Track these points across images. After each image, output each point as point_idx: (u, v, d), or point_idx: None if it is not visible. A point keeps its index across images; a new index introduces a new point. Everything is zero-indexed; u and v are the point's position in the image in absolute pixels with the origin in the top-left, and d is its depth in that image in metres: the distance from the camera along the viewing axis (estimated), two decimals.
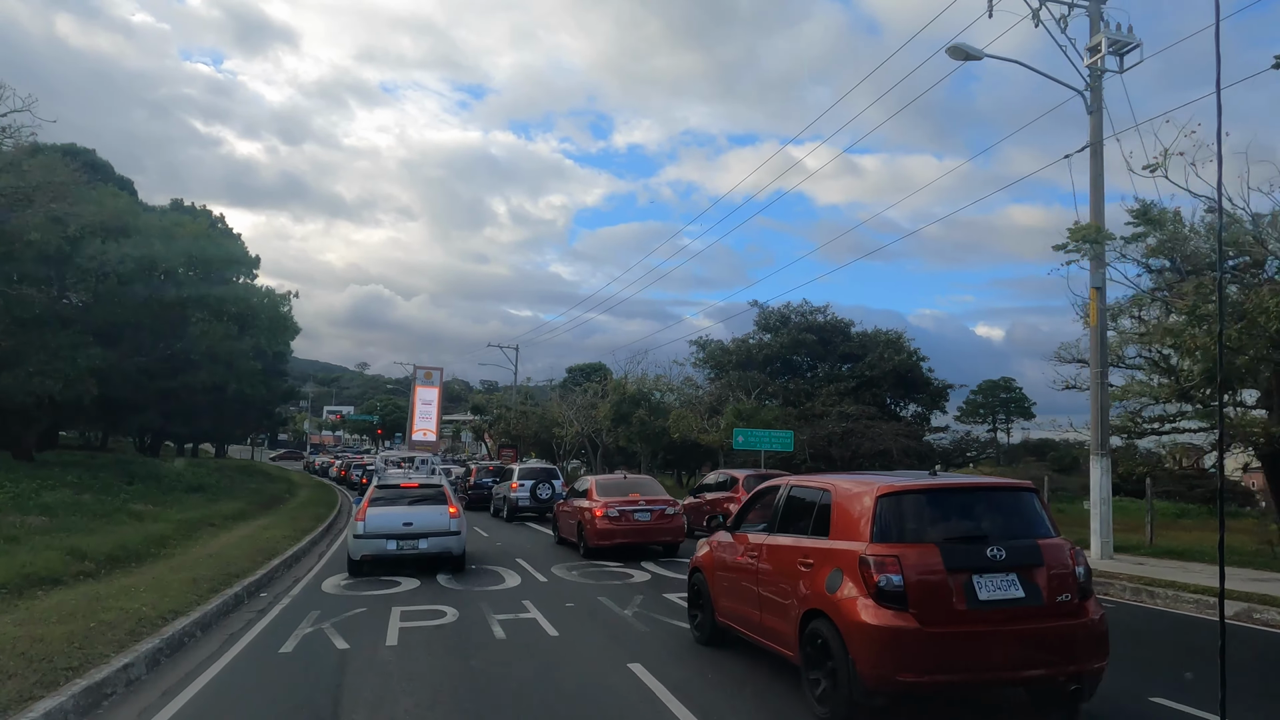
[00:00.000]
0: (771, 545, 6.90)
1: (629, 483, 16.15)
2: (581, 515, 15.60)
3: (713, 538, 8.49)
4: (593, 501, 15.42)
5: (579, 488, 16.91)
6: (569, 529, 16.78)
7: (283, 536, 17.12)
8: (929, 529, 5.77)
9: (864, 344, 45.74)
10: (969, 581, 5.45)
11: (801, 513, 6.74)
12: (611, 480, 16.41)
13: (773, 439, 25.52)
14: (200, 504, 23.15)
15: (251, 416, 52.99)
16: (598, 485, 15.94)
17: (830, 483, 6.55)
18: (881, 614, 5.34)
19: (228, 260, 28.00)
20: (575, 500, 16.61)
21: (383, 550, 12.79)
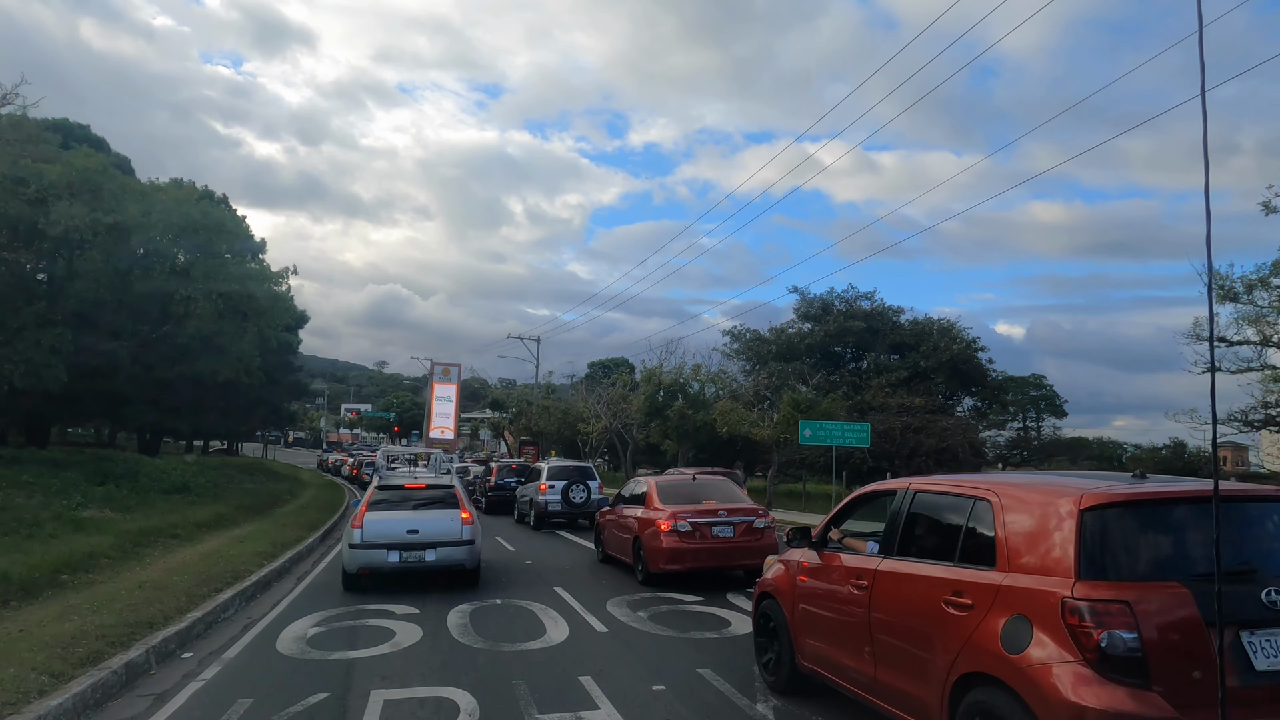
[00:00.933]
0: (893, 573, 5.08)
1: (701, 486, 12.19)
2: (640, 529, 11.68)
3: (788, 555, 6.68)
4: (655, 511, 11.49)
5: (634, 491, 12.98)
6: (619, 545, 12.86)
7: (255, 553, 13.29)
8: (1169, 561, 3.98)
9: (916, 333, 41.57)
10: (1237, 642, 3.72)
11: (941, 529, 4.98)
12: (678, 483, 12.44)
13: (846, 433, 21.49)
14: (174, 508, 19.43)
15: (260, 412, 49.48)
16: (660, 489, 11.98)
17: (991, 486, 4.66)
18: (1108, 691, 3.58)
19: (216, 229, 24.33)
20: (628, 509, 12.69)
21: (383, 563, 10.68)
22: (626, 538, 12.37)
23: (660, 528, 11.00)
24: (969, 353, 40.65)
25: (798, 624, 6.11)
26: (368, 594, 10.89)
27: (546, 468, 20.73)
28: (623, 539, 12.65)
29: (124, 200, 22.40)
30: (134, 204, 22.40)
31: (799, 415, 24.41)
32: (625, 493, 13.48)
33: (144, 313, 25.30)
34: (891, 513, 5.36)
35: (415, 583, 12.08)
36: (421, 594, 10.82)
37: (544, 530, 20.13)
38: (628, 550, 12.31)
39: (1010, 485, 4.59)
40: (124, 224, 21.99)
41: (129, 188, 23.18)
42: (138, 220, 22.06)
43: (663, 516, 11.11)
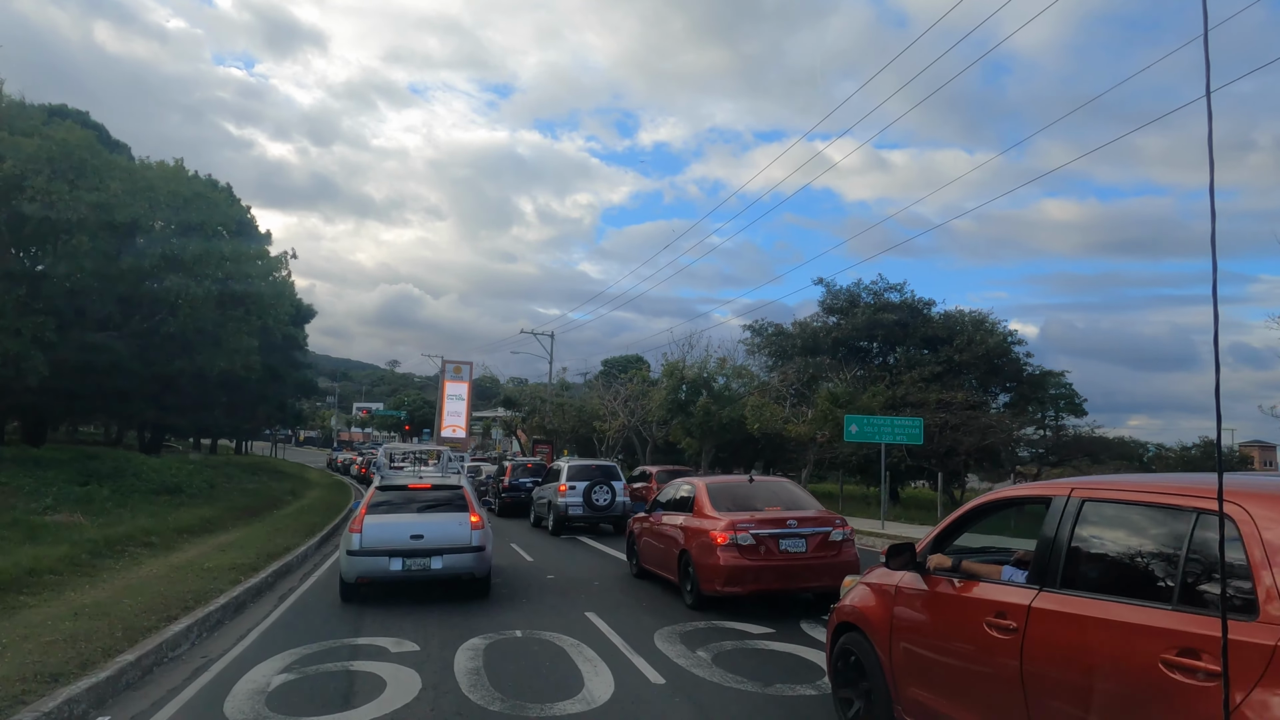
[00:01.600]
0: (1061, 614, 3.61)
1: (760, 490, 10.12)
2: (688, 541, 9.62)
3: (876, 576, 5.17)
4: (707, 519, 9.42)
5: (677, 495, 10.92)
6: (659, 558, 10.81)
7: (234, 565, 11.30)
8: None
9: (947, 326, 39.28)
10: None
11: (1140, 556, 3.56)
12: (732, 485, 10.34)
13: (896, 429, 19.32)
14: (159, 511, 17.51)
15: (265, 409, 47.63)
16: (712, 493, 9.90)
17: (1237, 493, 3.12)
18: None
19: (210, 210, 22.37)
20: (670, 516, 10.64)
21: (384, 571, 9.62)
22: (669, 551, 10.32)
23: (715, 540, 8.92)
24: (1004, 346, 38.35)
25: (898, 668, 4.72)
26: (361, 617, 8.90)
27: (566, 467, 18.69)
28: (664, 552, 10.59)
29: (107, 178, 20.49)
30: (118, 180, 20.47)
31: (838, 410, 22.29)
32: (665, 497, 11.41)
33: (134, 301, 23.41)
34: (1048, 528, 3.99)
35: (418, 593, 10.17)
36: (423, 615, 8.82)
37: (564, 536, 18.09)
38: (671, 565, 10.24)
39: (1268, 494, 3.16)
40: (107, 202, 20.07)
41: (114, 165, 21.27)
42: (121, 199, 20.13)
43: (718, 527, 9.03)
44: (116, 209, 20.24)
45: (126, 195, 20.53)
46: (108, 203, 20.17)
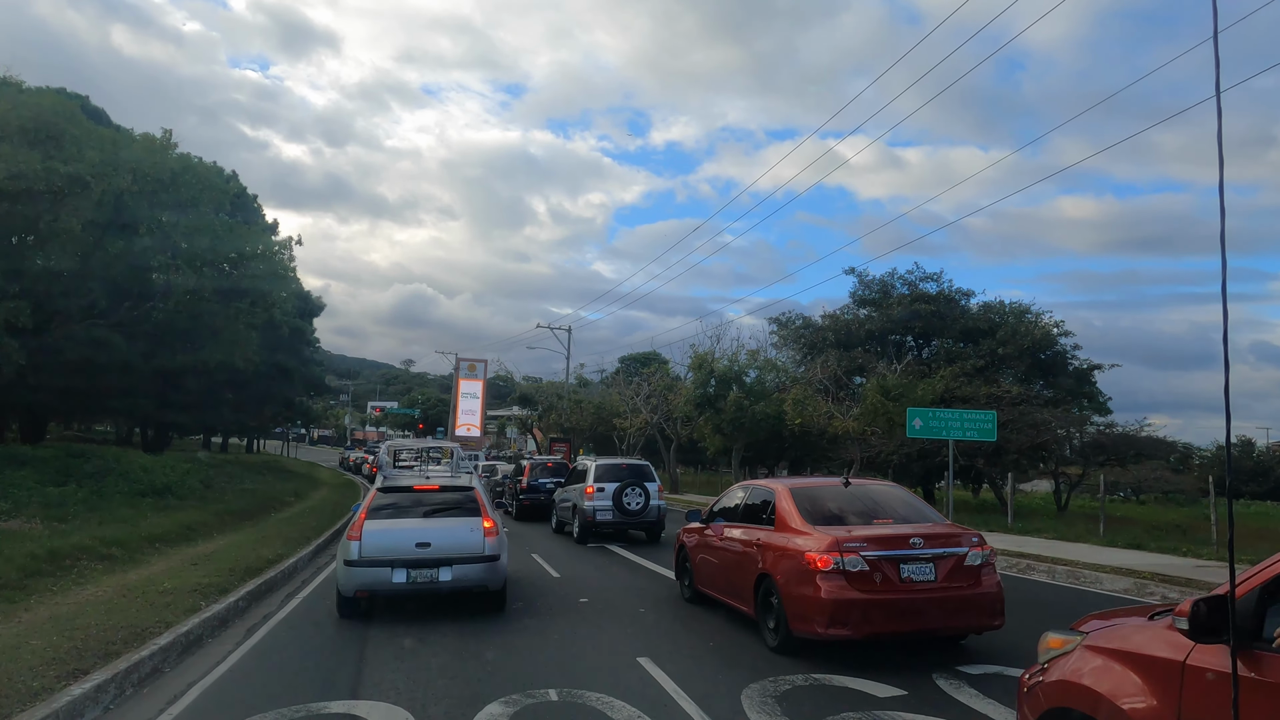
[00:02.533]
0: None
1: (861, 495, 7.81)
2: (770, 563, 7.35)
3: (1135, 643, 3.11)
4: (798, 536, 7.13)
5: (745, 501, 8.66)
6: (725, 582, 8.55)
7: (196, 587, 9.12)
8: None
9: (988, 317, 36.78)
10: None
11: None
12: (822, 491, 8.01)
13: (966, 424, 16.94)
14: (137, 516, 15.43)
15: (272, 407, 45.66)
16: (799, 500, 7.61)
17: None
18: None
19: (201, 186, 20.27)
20: (737, 529, 8.40)
21: (386, 584, 8.45)
22: (740, 574, 8.04)
23: (814, 565, 6.62)
24: (1049, 339, 35.78)
25: None
26: (340, 663, 6.69)
27: (594, 466, 16.42)
28: (731, 575, 8.32)
29: (86, 148, 18.41)
30: (96, 150, 18.39)
31: (890, 404, 19.96)
32: (729, 503, 9.12)
33: (120, 285, 21.34)
34: None
35: (419, 614, 7.95)
36: (423, 655, 6.57)
37: (591, 544, 15.84)
38: (742, 592, 7.96)
39: None
40: (83, 174, 18.00)
41: (94, 134, 19.19)
42: (99, 169, 18.05)
43: (818, 546, 6.72)
44: (94, 180, 18.15)
45: (106, 166, 18.44)
46: (84, 174, 18.09)
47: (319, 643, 7.65)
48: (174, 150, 21.44)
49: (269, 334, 33.98)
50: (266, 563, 11.57)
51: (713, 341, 29.86)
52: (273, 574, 10.91)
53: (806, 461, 45.12)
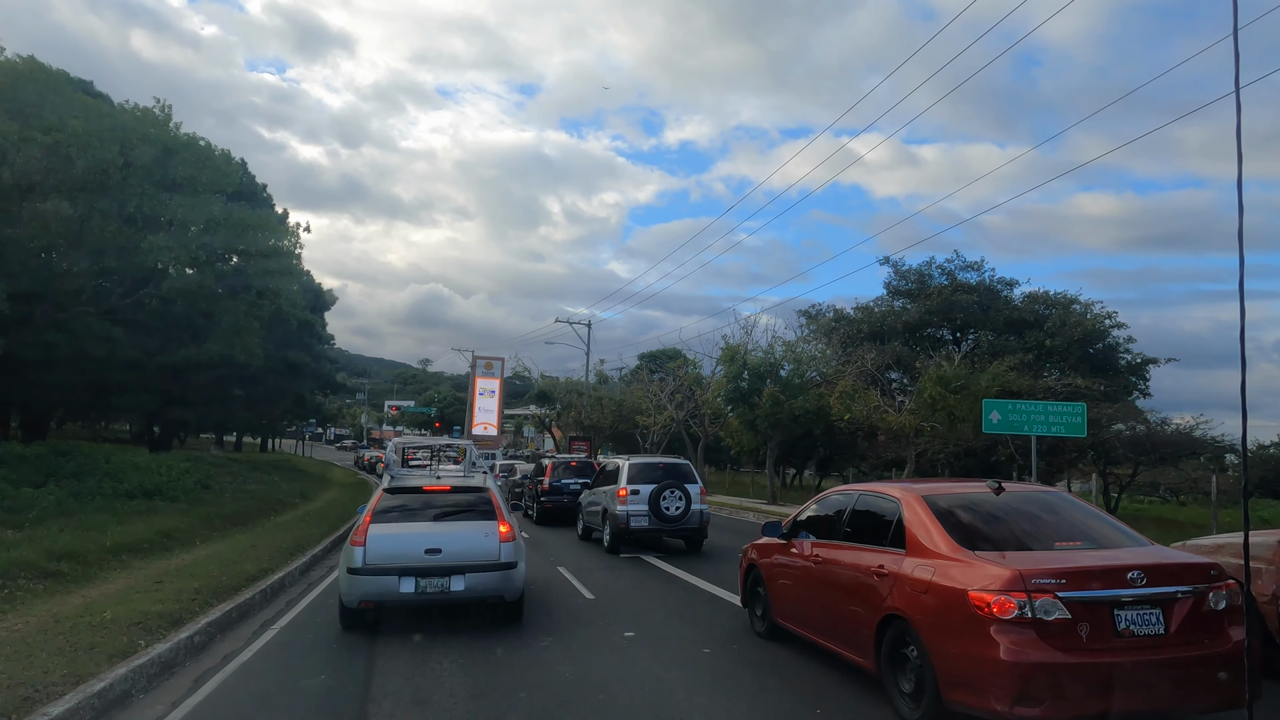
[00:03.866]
0: None
1: (1030, 506, 5.72)
2: (906, 601, 5.30)
3: None
4: (954, 565, 5.05)
5: (844, 509, 6.60)
6: (822, 619, 6.53)
7: (140, 619, 7.15)
8: None
9: (1033, 308, 34.48)
10: None
11: None
12: (973, 500, 5.86)
13: (1051, 418, 14.72)
14: (113, 521, 13.55)
15: (284, 404, 43.92)
16: (941, 512, 5.54)
17: None
18: None
19: (199, 164, 18.44)
20: (841, 551, 6.41)
21: (392, 594, 7.55)
22: (849, 612, 5.98)
23: (985, 609, 4.52)
24: (1099, 331, 33.40)
25: None
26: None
27: (626, 466, 14.36)
28: (833, 611, 6.27)
29: (68, 116, 16.60)
30: (80, 119, 16.58)
31: (950, 396, 17.83)
32: (823, 513, 7.08)
33: (110, 271, 19.56)
34: None
35: (422, 655, 5.93)
36: (437, 680, 4.57)
37: (623, 553, 13.80)
38: (854, 637, 5.89)
39: None
40: (63, 144, 16.19)
41: (78, 102, 17.38)
42: (81, 139, 16.23)
43: (987, 582, 4.62)
44: (75, 149, 16.33)
45: (90, 137, 16.61)
46: (66, 144, 16.28)
47: (287, 702, 5.66)
48: (172, 125, 19.59)
49: (277, 327, 32.19)
50: (246, 580, 9.62)
51: (744, 334, 27.72)
52: (251, 595, 8.95)
53: (837, 461, 42.87)
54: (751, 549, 8.46)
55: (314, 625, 8.16)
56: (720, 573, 11.77)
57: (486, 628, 7.97)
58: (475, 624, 8.14)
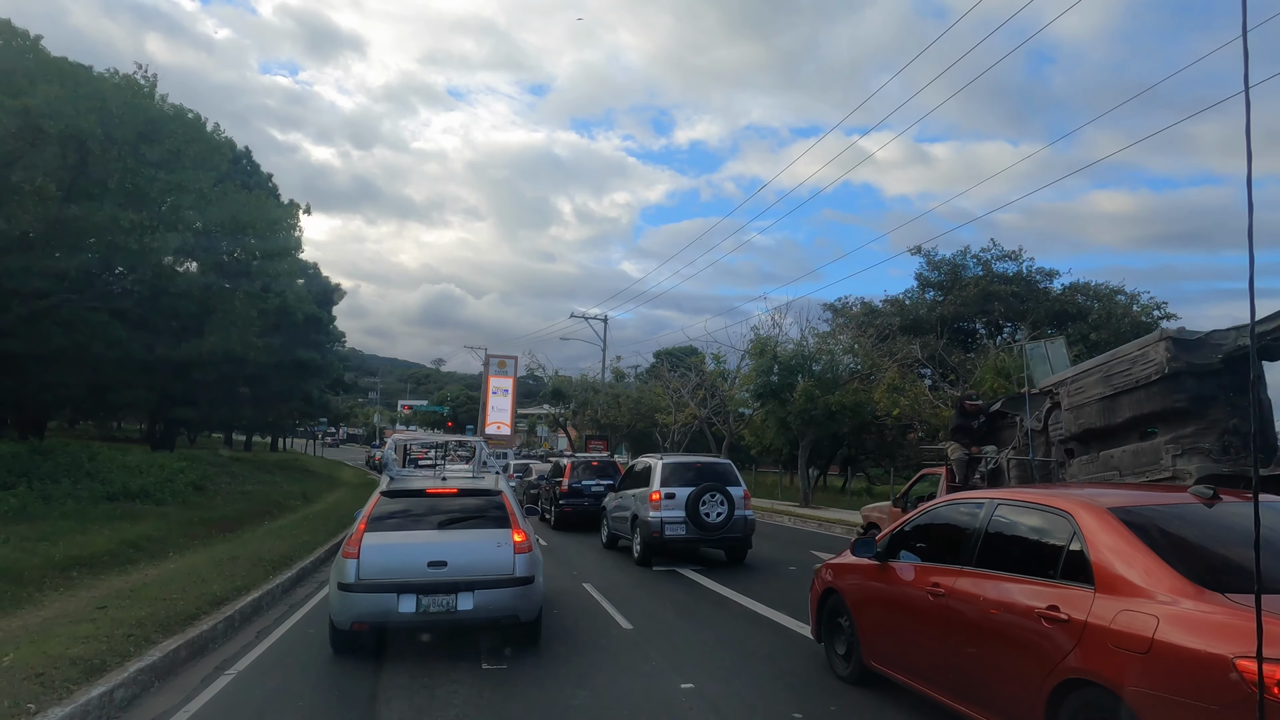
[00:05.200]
0: None
1: (1239, 518, 3.77)
2: (1105, 660, 3.64)
3: None
4: (1232, 623, 3.11)
5: (991, 528, 4.73)
6: (953, 673, 4.82)
7: (46, 668, 5.36)
8: None
9: (1075, 299, 32.41)
10: None
11: None
12: (1185, 514, 4.09)
13: None
14: (70, 529, 11.88)
15: (293, 403, 42.34)
16: (1146, 532, 3.76)
17: None
18: None
19: (186, 136, 16.78)
20: (981, 582, 4.60)
21: (391, 613, 6.47)
22: (998, 666, 4.25)
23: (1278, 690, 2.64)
24: (1145, 322, 31.26)
25: None
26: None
27: (659, 465, 12.51)
28: (968, 662, 4.53)
29: (40, 81, 14.96)
30: (54, 84, 14.92)
31: (1015, 389, 15.89)
32: (941, 521, 5.29)
33: (92, 253, 17.92)
34: None
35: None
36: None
37: (656, 565, 11.95)
38: (1010, 703, 4.09)
39: None
40: (35, 111, 14.54)
41: (53, 66, 15.72)
42: (55, 106, 14.56)
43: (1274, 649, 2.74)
44: (48, 118, 14.67)
45: (65, 104, 14.95)
46: (36, 110, 14.62)
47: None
48: (158, 97, 17.90)
49: (285, 325, 30.64)
50: (210, 603, 7.86)
51: (773, 327, 25.84)
52: (210, 625, 7.19)
53: (863, 461, 40.82)
54: (828, 570, 6.65)
55: (283, 668, 6.38)
56: (776, 592, 9.92)
57: (500, 674, 6.17)
58: (488, 658, 6.35)
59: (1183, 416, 7.46)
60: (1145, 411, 7.75)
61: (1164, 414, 7.57)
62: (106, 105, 15.62)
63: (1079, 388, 8.67)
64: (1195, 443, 7.38)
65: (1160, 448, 7.64)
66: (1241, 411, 7.33)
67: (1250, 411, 7.17)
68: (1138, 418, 7.85)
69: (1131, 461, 7.99)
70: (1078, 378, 8.83)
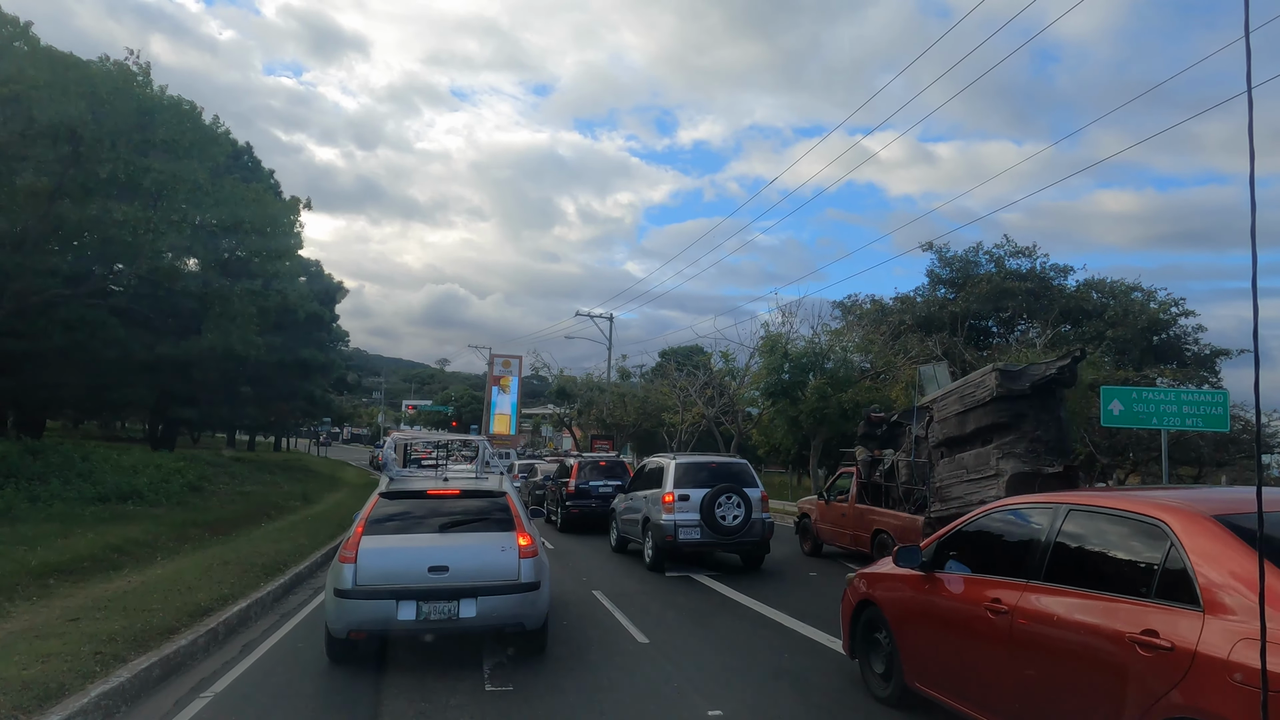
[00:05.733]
0: None
1: None
2: (1224, 699, 2.97)
3: None
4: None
5: (1060, 538, 4.28)
6: (1018, 701, 4.19)
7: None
8: None
9: (1090, 295, 31.70)
10: None
11: None
12: None
13: (1186, 408, 12.05)
14: (52, 532, 11.30)
15: (296, 402, 41.78)
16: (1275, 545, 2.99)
17: None
18: None
19: (180, 126, 16.17)
20: (1050, 599, 4.17)
21: (389, 620, 6.10)
22: (1076, 696, 3.67)
23: None
24: (1163, 320, 30.55)
25: None
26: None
27: (673, 466, 11.88)
28: (1035, 689, 4.00)
29: (25, 65, 14.39)
30: (40, 69, 14.35)
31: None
32: (987, 532, 4.66)
33: (85, 245, 17.35)
34: None
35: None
36: None
37: (669, 571, 11.32)
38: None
39: None
40: (23, 97, 13.97)
41: (40, 54, 15.13)
42: (44, 93, 13.99)
43: None
44: (39, 107, 14.11)
45: (54, 89, 14.39)
46: (26, 98, 14.06)
47: None
48: (157, 87, 17.31)
49: (287, 325, 30.09)
50: (192, 614, 7.26)
51: (783, 323, 25.18)
52: (190, 639, 6.58)
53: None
54: (862, 580, 6.04)
55: (267, 690, 5.77)
56: (799, 601, 9.29)
57: (506, 696, 5.55)
58: (492, 679, 5.73)
59: (1005, 428, 9.72)
60: (984, 424, 9.94)
61: (994, 427, 9.81)
62: (97, 92, 15.06)
63: (944, 405, 10.80)
64: (1011, 449, 9.56)
65: (990, 452, 9.79)
66: (1044, 425, 9.58)
67: (1053, 425, 9.74)
68: (979, 429, 9.99)
69: (974, 463, 10.01)
70: (944, 396, 10.98)
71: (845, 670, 6.27)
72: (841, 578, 11.19)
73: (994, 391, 9.71)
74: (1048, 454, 9.60)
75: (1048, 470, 9.38)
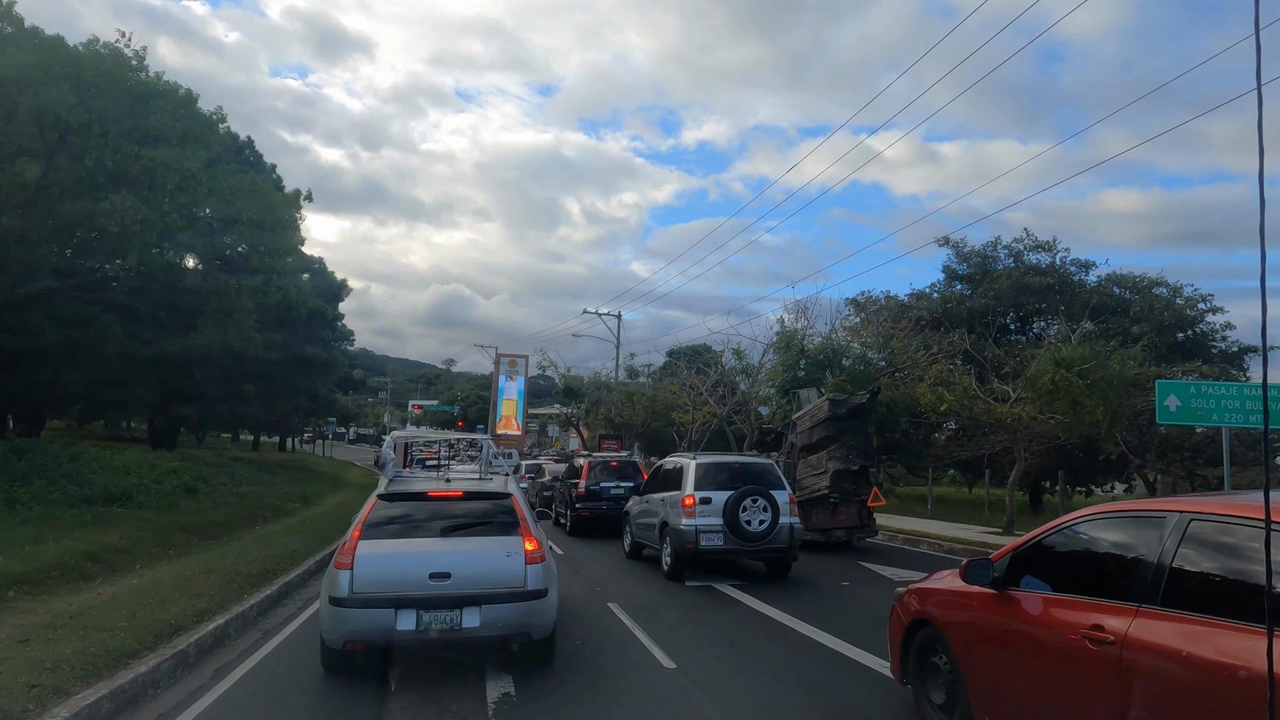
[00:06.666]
0: None
1: None
2: None
3: None
4: None
5: (1177, 559, 3.33)
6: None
7: None
8: None
9: (1113, 290, 30.67)
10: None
11: None
12: None
13: (1250, 404, 11.09)
14: (25, 537, 10.44)
15: (300, 401, 40.97)
16: None
17: None
18: None
19: (174, 113, 15.37)
20: (1189, 637, 3.26)
21: (388, 630, 5.73)
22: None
23: None
24: (1189, 316, 29.49)
25: None
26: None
27: (693, 467, 10.98)
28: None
29: (8, 47, 13.60)
30: (24, 52, 13.55)
31: (1079, 381, 14.34)
32: (1075, 548, 3.88)
33: (72, 236, 16.55)
34: None
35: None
36: None
37: (689, 580, 10.43)
38: None
39: None
40: (6, 79, 13.17)
41: (23, 37, 14.30)
42: (26, 74, 13.18)
43: None
44: (19, 90, 13.30)
45: (36, 71, 13.58)
46: (7, 79, 13.25)
47: None
48: (153, 74, 16.46)
49: (284, 316, 29.29)
50: (161, 633, 6.41)
51: (798, 319, 24.26)
52: (153, 664, 5.73)
53: (885, 460, 39.10)
54: (914, 596, 5.17)
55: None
56: (834, 615, 8.39)
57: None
58: (498, 715, 4.86)
59: (833, 439, 14.16)
60: (821, 436, 14.31)
61: (828, 437, 14.19)
62: (83, 75, 14.24)
63: (802, 421, 15.19)
64: (835, 453, 13.94)
65: (824, 455, 14.18)
66: (857, 437, 14.08)
67: (863, 437, 14.53)
68: (820, 439, 14.30)
69: (816, 462, 14.24)
70: (803, 415, 15.40)
71: (896, 694, 5.39)
72: (876, 587, 10.31)
73: (827, 413, 14.17)
74: (857, 456, 13.81)
75: (852, 468, 13.69)
